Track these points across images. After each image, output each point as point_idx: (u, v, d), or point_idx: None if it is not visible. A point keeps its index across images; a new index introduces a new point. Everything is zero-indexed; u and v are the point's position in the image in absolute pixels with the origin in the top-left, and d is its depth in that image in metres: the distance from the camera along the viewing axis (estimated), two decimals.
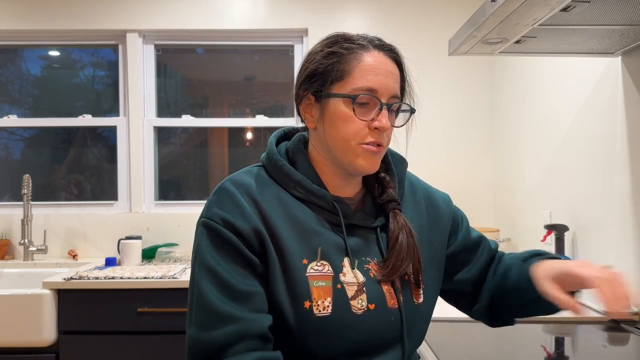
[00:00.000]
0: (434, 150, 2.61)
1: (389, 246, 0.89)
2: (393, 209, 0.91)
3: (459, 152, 2.62)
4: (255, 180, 0.87)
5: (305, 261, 0.82)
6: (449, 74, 2.61)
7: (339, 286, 0.83)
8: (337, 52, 0.85)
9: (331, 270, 0.83)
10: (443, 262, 0.99)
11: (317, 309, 0.80)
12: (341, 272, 0.84)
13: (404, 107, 0.91)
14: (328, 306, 0.81)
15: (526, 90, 2.20)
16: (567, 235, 1.80)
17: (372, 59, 0.85)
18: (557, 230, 1.78)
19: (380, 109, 0.85)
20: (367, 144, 0.85)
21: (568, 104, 1.83)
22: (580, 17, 1.19)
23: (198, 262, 0.82)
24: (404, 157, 1.01)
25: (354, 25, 2.61)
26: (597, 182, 1.66)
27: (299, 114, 0.92)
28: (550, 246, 1.85)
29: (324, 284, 0.82)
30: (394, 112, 0.89)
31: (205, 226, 0.83)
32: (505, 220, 2.45)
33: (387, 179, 0.94)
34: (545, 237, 1.85)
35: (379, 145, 0.86)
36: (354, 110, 0.83)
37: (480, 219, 2.60)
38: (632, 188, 1.49)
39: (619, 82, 1.53)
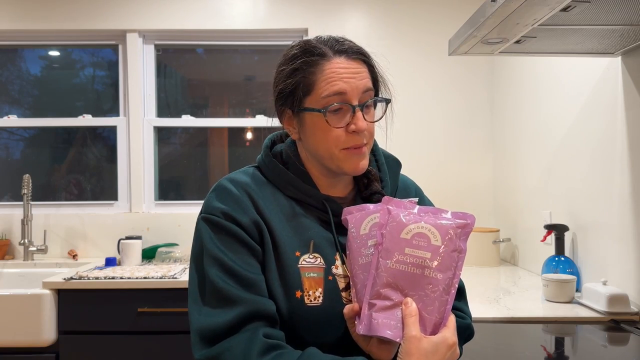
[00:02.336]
0: (434, 150, 2.61)
1: None
2: (377, 201, 0.93)
3: (459, 152, 2.62)
4: (251, 179, 0.91)
5: (297, 253, 0.86)
6: (449, 74, 2.61)
7: (330, 278, 0.86)
8: (299, 67, 0.87)
9: (323, 262, 0.87)
10: None
11: (308, 298, 0.83)
12: (333, 265, 0.87)
13: (377, 99, 0.91)
14: (319, 296, 0.84)
15: (526, 90, 2.20)
16: (567, 235, 1.80)
17: (334, 66, 0.86)
18: (557, 230, 1.78)
19: (354, 112, 0.86)
20: (349, 148, 0.87)
21: (568, 103, 1.83)
22: (580, 17, 1.19)
23: (205, 253, 0.84)
24: (396, 157, 1.03)
25: (354, 25, 2.61)
26: (597, 182, 1.66)
27: (283, 127, 0.96)
28: (550, 246, 1.85)
29: (315, 275, 0.85)
30: (372, 106, 0.90)
31: (207, 220, 0.86)
32: (505, 220, 2.45)
33: (373, 173, 0.97)
34: (545, 237, 1.85)
35: (361, 145, 0.88)
36: (327, 122, 0.85)
37: (480, 219, 2.60)
38: (632, 188, 1.49)
39: (619, 82, 1.53)
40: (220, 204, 0.86)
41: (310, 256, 0.86)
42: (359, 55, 0.89)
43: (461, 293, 1.03)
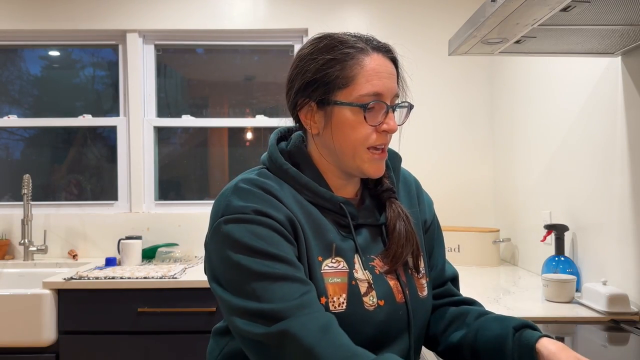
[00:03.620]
0: (434, 150, 2.61)
1: (388, 235, 0.91)
2: (389, 197, 0.93)
3: (459, 152, 2.62)
4: (268, 179, 0.87)
5: (320, 258, 0.84)
6: (449, 74, 2.61)
7: (353, 282, 0.84)
8: (337, 58, 0.84)
9: (346, 266, 0.85)
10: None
11: (332, 305, 0.81)
12: (354, 269, 0.85)
13: (404, 103, 0.91)
14: (343, 302, 0.82)
15: (526, 90, 2.20)
16: (567, 235, 1.80)
17: (374, 63, 0.85)
18: (557, 230, 1.78)
19: (387, 112, 0.85)
20: (375, 148, 0.86)
21: (568, 104, 1.83)
22: (580, 17, 1.19)
23: (240, 251, 0.77)
24: (397, 152, 1.03)
25: (354, 25, 2.61)
26: (597, 182, 1.66)
27: (296, 119, 0.92)
28: (550, 246, 1.85)
29: (339, 280, 0.83)
30: (397, 109, 0.90)
31: (236, 220, 0.79)
32: (505, 220, 2.45)
33: None
34: (545, 237, 1.85)
35: (383, 150, 0.88)
36: (365, 118, 0.84)
37: (480, 219, 2.60)
38: (632, 188, 1.49)
39: (619, 82, 1.53)
40: (246, 202, 0.80)
41: (333, 260, 0.84)
42: (392, 54, 0.89)
43: (455, 282, 1.05)
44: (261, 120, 2.72)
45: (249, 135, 2.82)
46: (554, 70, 1.94)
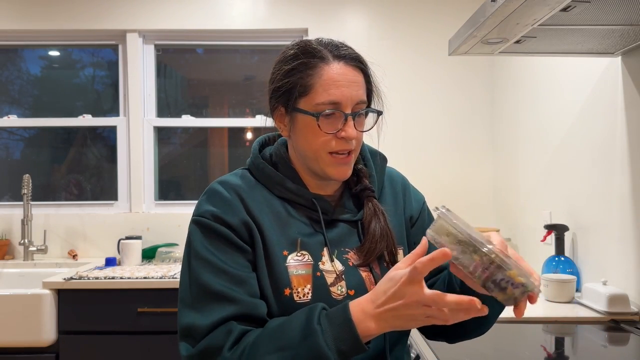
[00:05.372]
0: (434, 150, 2.61)
1: (363, 233, 0.94)
2: (367, 196, 0.96)
3: (459, 152, 2.62)
4: (242, 181, 0.94)
5: (285, 252, 0.88)
6: (449, 74, 2.61)
7: (318, 274, 0.88)
8: (298, 68, 0.89)
9: (311, 259, 0.89)
10: None
11: (297, 295, 0.86)
12: (320, 261, 0.89)
13: (367, 110, 0.93)
14: (308, 293, 0.86)
15: (526, 90, 2.20)
16: (567, 235, 1.80)
17: (332, 72, 0.87)
18: (557, 230, 1.78)
19: (345, 120, 0.88)
20: (337, 153, 0.89)
21: (568, 103, 1.83)
22: (580, 17, 1.19)
23: (194, 256, 0.87)
24: (382, 153, 1.04)
25: (354, 25, 2.61)
26: (597, 182, 1.66)
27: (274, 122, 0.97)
28: (550, 246, 1.85)
29: (303, 272, 0.88)
30: (363, 115, 0.92)
31: (197, 223, 0.89)
32: (505, 220, 2.45)
33: (363, 170, 0.99)
34: (545, 237, 1.85)
35: (349, 153, 0.90)
36: (319, 126, 0.87)
37: (480, 219, 2.59)
38: (632, 188, 1.49)
39: (619, 82, 1.53)
40: (210, 206, 0.89)
41: (298, 254, 0.89)
42: (357, 62, 0.90)
43: None
44: (261, 120, 2.72)
45: (249, 135, 2.82)
46: (554, 70, 1.94)
